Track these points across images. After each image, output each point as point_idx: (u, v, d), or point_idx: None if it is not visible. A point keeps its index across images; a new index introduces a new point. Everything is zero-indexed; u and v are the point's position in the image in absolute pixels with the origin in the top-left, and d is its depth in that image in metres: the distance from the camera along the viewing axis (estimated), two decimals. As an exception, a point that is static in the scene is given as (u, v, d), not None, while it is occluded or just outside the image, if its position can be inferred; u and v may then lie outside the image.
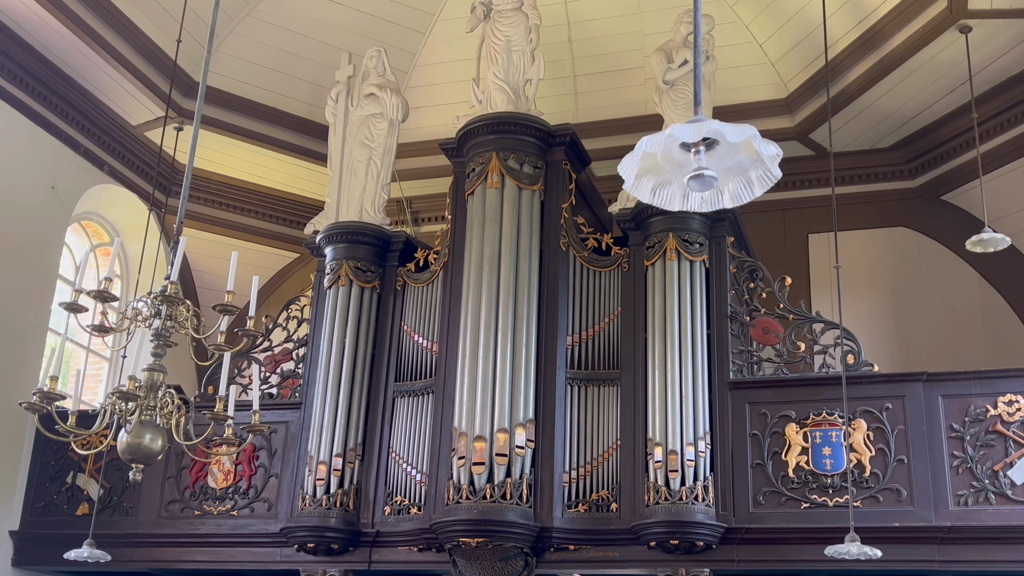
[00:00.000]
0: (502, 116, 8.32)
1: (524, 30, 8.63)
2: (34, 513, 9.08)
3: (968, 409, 7.28)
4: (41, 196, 9.43)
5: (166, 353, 5.12)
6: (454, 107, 9.35)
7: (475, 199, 8.33)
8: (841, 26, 8.99)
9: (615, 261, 8.29)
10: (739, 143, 2.76)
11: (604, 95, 10.34)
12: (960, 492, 7.11)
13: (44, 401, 4.96)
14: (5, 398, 8.77)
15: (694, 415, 7.48)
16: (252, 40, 10.08)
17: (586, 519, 7.62)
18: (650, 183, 2.92)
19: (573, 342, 8.10)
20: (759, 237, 9.71)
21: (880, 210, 10.30)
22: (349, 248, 8.76)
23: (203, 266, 11.47)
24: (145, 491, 8.74)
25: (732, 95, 9.52)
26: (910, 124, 9.83)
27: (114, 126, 10.11)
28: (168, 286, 5.04)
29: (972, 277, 9.84)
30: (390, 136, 9.21)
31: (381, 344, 8.64)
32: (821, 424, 7.46)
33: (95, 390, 10.52)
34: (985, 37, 8.48)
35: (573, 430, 7.85)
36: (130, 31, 9.28)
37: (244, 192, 11.44)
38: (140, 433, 4.94)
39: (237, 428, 5.28)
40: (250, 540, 8.43)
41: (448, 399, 8.01)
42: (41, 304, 9.41)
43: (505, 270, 7.97)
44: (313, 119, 10.47)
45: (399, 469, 8.17)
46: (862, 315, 9.59)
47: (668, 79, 8.50)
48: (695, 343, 7.69)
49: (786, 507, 7.36)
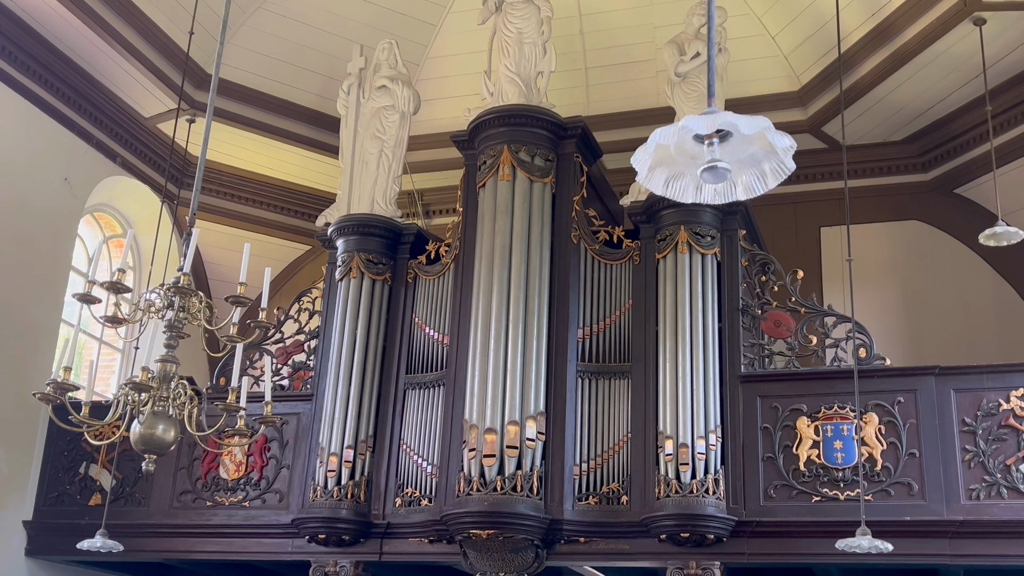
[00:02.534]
0: (513, 108, 8.31)
1: (536, 22, 8.62)
2: (47, 503, 9.14)
3: (980, 403, 7.25)
4: (54, 188, 9.46)
5: (179, 344, 5.14)
6: (465, 99, 9.34)
7: (486, 192, 8.32)
8: (854, 19, 8.95)
9: (626, 254, 8.28)
10: (753, 135, 2.75)
11: (616, 87, 10.32)
12: (972, 486, 7.09)
13: (57, 392, 4.97)
14: (19, 389, 8.83)
15: (705, 408, 7.47)
16: (264, 32, 10.09)
17: (596, 512, 7.62)
18: (663, 175, 2.92)
19: (584, 335, 8.09)
20: (771, 230, 9.68)
21: (893, 203, 10.27)
22: (360, 240, 8.78)
23: (215, 258, 11.51)
24: (157, 482, 8.78)
25: (744, 88, 9.49)
26: (923, 117, 9.79)
27: (127, 118, 10.14)
28: (181, 277, 5.05)
29: (985, 271, 9.80)
30: (401, 128, 9.21)
31: (392, 336, 8.65)
32: (832, 418, 7.44)
33: (108, 381, 10.57)
34: (999, 29, 8.43)
35: (584, 423, 7.85)
36: (143, 23, 9.30)
37: (256, 184, 11.46)
38: (153, 424, 4.95)
39: (249, 419, 5.29)
40: (262, 531, 8.46)
41: (459, 391, 8.03)
42: (54, 295, 9.46)
43: (516, 263, 7.97)
44: (325, 111, 10.49)
45: (410, 461, 8.18)
46: (874, 309, 9.56)
47: (680, 72, 8.48)
48: (706, 336, 7.68)
49: (797, 500, 7.35)
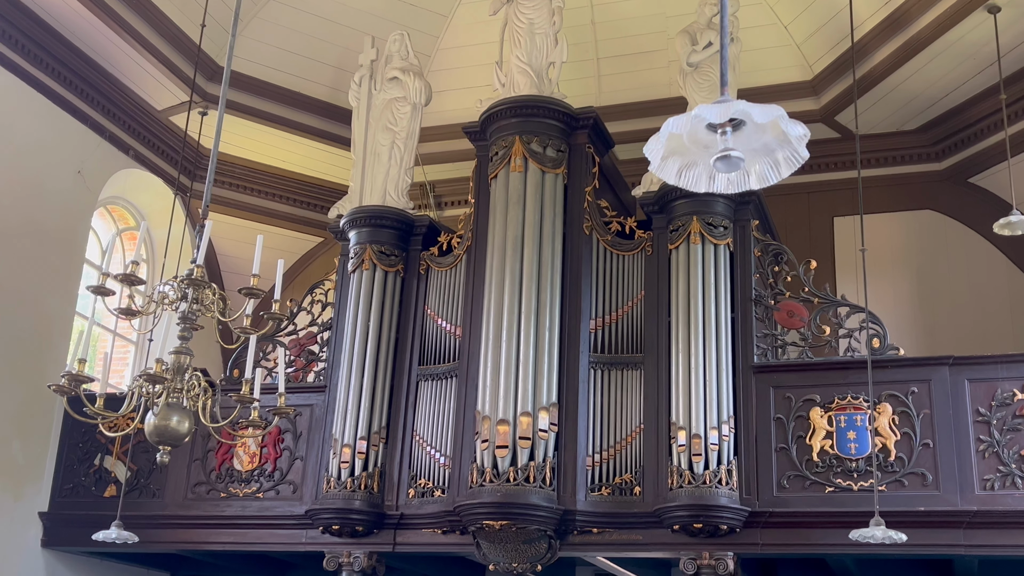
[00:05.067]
0: (525, 99, 8.29)
1: (547, 13, 8.59)
2: (63, 495, 9.19)
3: (995, 393, 7.21)
4: (67, 181, 9.50)
5: (192, 336, 5.16)
6: (477, 91, 9.33)
7: (498, 183, 8.32)
8: (867, 7, 8.90)
9: (639, 245, 8.26)
10: (766, 124, 2.73)
11: (627, 78, 10.29)
12: (986, 476, 7.06)
13: (72, 384, 5.00)
14: (34, 381, 8.88)
15: (718, 399, 7.46)
16: (276, 24, 10.09)
17: (609, 502, 7.63)
18: (676, 164, 2.90)
19: (596, 326, 8.09)
20: (784, 220, 9.65)
21: (906, 193, 10.22)
22: (373, 232, 8.78)
23: (228, 250, 11.53)
24: (171, 473, 8.82)
25: (757, 77, 9.44)
26: (937, 106, 9.73)
27: (139, 111, 10.16)
28: (194, 269, 5.07)
29: (999, 260, 9.75)
30: (413, 120, 9.21)
31: (405, 328, 8.66)
32: (846, 408, 7.42)
33: (122, 373, 10.62)
34: (1013, 18, 8.37)
35: (596, 414, 7.85)
36: (155, 16, 9.31)
37: (268, 176, 11.48)
38: (167, 415, 4.97)
39: (263, 411, 5.31)
40: (275, 522, 8.50)
41: (471, 383, 8.03)
42: (68, 288, 9.50)
43: (528, 254, 7.97)
44: (336, 103, 10.49)
45: (423, 452, 8.20)
46: (888, 298, 9.53)
47: (692, 61, 8.45)
48: (719, 327, 7.66)
49: (810, 491, 7.33)
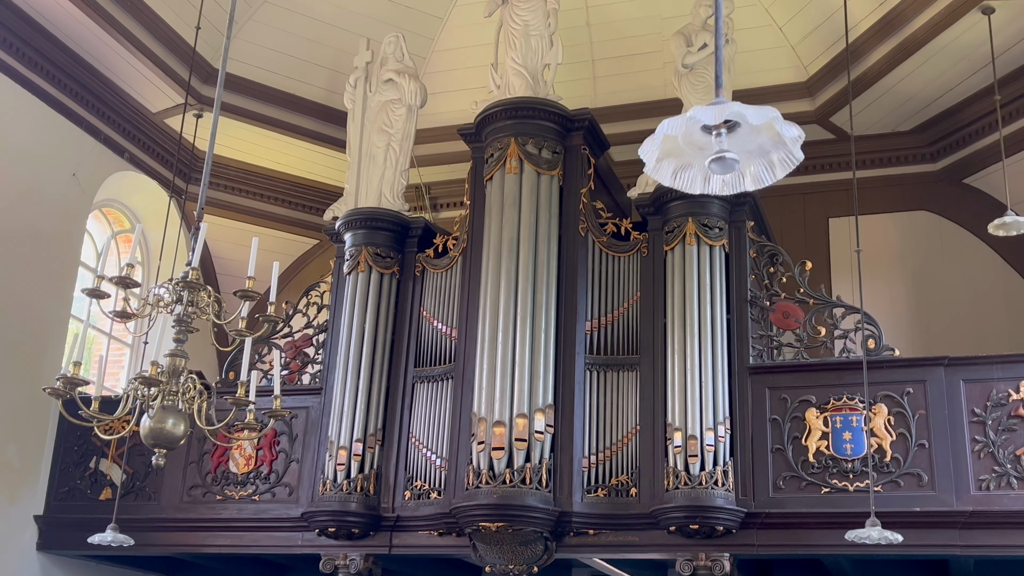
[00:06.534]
0: (520, 101, 8.30)
1: (542, 14, 8.60)
2: (58, 498, 9.17)
3: (990, 393, 7.22)
4: (62, 184, 9.48)
5: (188, 339, 5.15)
6: (472, 92, 9.33)
7: (494, 184, 8.32)
8: (862, 8, 8.91)
9: (634, 246, 8.27)
10: (761, 125, 2.74)
11: (623, 79, 10.29)
12: (982, 477, 7.07)
13: (67, 387, 4.99)
14: (29, 384, 8.86)
15: (714, 400, 7.46)
16: (270, 27, 10.09)
17: (606, 504, 7.63)
18: (671, 166, 2.91)
19: (592, 327, 8.09)
20: (779, 221, 9.66)
21: (901, 194, 10.23)
22: (368, 234, 8.78)
23: (223, 252, 11.52)
24: (167, 476, 8.81)
25: (751, 78, 9.45)
26: (932, 107, 9.74)
27: (134, 113, 10.15)
28: (189, 272, 5.06)
29: (994, 261, 9.76)
30: (408, 122, 9.21)
31: (400, 330, 8.66)
32: (841, 409, 7.43)
33: (117, 376, 10.60)
34: (1008, 18, 8.39)
35: (592, 415, 7.85)
36: (149, 18, 9.30)
37: (264, 179, 11.47)
38: (163, 418, 4.96)
39: (258, 413, 5.30)
40: (271, 524, 8.49)
41: (467, 384, 8.03)
42: (63, 291, 9.48)
43: (524, 255, 7.97)
44: (331, 105, 10.48)
45: (419, 454, 8.19)
46: (883, 299, 9.55)
47: (687, 63, 8.46)
48: (715, 328, 7.67)
49: (806, 492, 7.34)
